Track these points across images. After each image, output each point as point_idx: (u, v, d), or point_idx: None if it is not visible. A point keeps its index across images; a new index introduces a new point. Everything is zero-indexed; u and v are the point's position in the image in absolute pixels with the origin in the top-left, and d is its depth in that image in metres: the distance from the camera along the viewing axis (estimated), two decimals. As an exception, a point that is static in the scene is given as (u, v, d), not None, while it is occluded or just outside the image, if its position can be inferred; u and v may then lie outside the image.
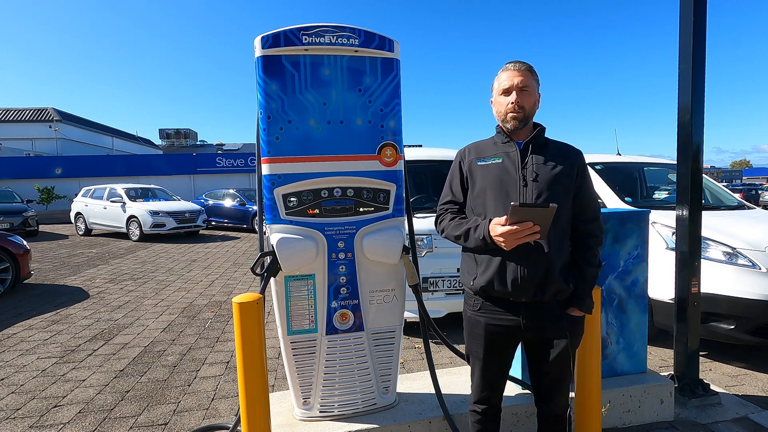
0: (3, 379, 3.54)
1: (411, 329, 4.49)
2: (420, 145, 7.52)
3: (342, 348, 2.33)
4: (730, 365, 3.68)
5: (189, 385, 3.41)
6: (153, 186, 15.14)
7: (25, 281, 6.77)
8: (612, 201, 4.56)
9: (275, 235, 2.19)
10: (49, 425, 2.86)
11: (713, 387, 3.08)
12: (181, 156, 26.99)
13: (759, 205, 16.18)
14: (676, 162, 2.97)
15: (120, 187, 13.59)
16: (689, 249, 2.88)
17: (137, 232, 12.54)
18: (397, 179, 2.32)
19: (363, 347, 2.36)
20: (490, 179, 1.76)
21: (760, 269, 3.47)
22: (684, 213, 2.90)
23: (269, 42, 2.12)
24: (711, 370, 3.60)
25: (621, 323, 2.75)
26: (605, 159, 5.30)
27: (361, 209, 2.28)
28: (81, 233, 14.06)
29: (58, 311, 5.47)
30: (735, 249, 3.60)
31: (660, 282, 3.63)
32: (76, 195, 14.73)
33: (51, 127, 29.85)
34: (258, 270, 2.17)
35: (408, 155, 2.71)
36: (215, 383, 3.45)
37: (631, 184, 5.25)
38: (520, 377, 2.59)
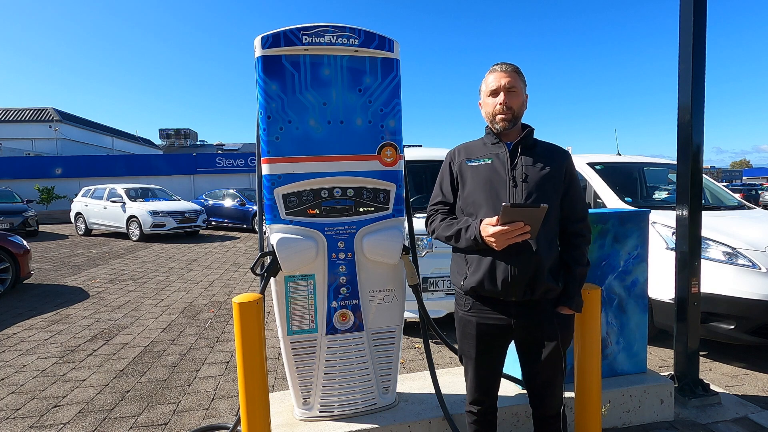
0: (3, 379, 3.54)
1: (411, 329, 4.49)
2: (420, 145, 7.52)
3: (342, 348, 2.33)
4: (730, 365, 3.68)
5: (189, 385, 3.41)
6: (153, 186, 15.14)
7: (25, 281, 6.78)
8: (612, 201, 4.56)
9: (275, 235, 2.19)
10: (49, 425, 2.86)
11: (713, 387, 3.08)
12: (181, 156, 26.98)
13: (759, 205, 16.18)
14: (676, 162, 2.97)
15: (120, 187, 13.59)
16: (689, 249, 2.88)
17: (137, 232, 12.54)
18: (397, 179, 2.32)
19: (363, 347, 2.36)
20: (480, 180, 1.78)
21: (760, 269, 3.47)
22: (684, 213, 2.90)
23: (269, 42, 2.12)
24: (711, 370, 3.60)
25: (621, 323, 2.75)
26: (605, 159, 5.30)
27: (361, 209, 2.28)
28: (81, 233, 14.06)
29: (58, 311, 5.48)
30: (735, 249, 3.60)
31: (660, 282, 3.63)
32: (76, 195, 14.73)
33: (51, 127, 29.85)
34: (258, 270, 2.17)
35: (408, 155, 2.71)
36: (215, 383, 3.45)
37: (631, 184, 5.25)
38: (520, 377, 2.59)
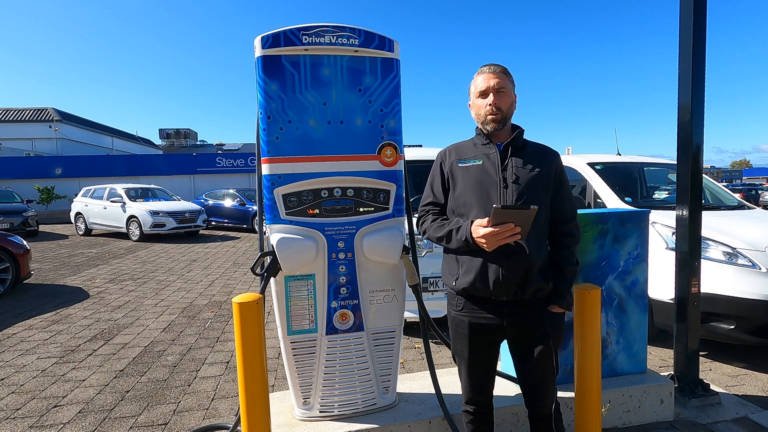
0: (3, 379, 3.54)
1: (411, 329, 4.49)
2: (420, 145, 7.51)
3: (342, 348, 2.33)
4: (730, 365, 3.68)
5: (189, 385, 3.41)
6: (153, 186, 15.14)
7: (25, 281, 6.78)
8: (612, 201, 4.56)
9: (275, 235, 2.19)
10: (49, 425, 2.86)
11: (713, 387, 3.08)
12: (181, 156, 26.98)
13: (759, 205, 16.18)
14: (676, 162, 2.97)
15: (120, 187, 13.59)
16: (689, 249, 2.88)
17: (137, 232, 12.54)
18: (397, 179, 2.32)
19: (363, 347, 2.36)
20: (471, 181, 1.80)
21: (760, 269, 3.47)
22: (684, 213, 2.90)
23: (269, 42, 2.12)
24: (711, 370, 3.60)
25: (621, 323, 2.75)
26: (605, 159, 5.30)
27: (361, 209, 2.28)
28: (81, 233, 14.06)
29: (58, 311, 5.48)
30: (735, 249, 3.60)
31: (660, 282, 3.63)
32: (76, 195, 14.74)
33: (51, 127, 29.85)
34: (258, 270, 2.17)
35: (408, 155, 2.71)
36: (215, 383, 3.45)
37: (631, 184, 5.25)
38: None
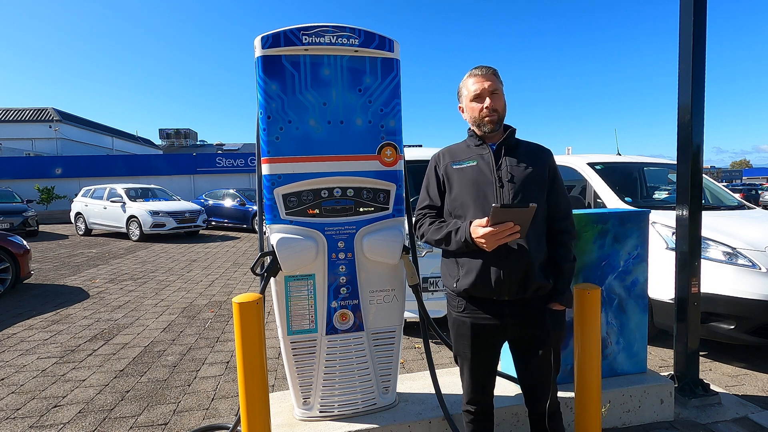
0: (3, 379, 3.54)
1: (411, 329, 4.49)
2: (420, 145, 7.51)
3: (342, 348, 2.33)
4: (730, 365, 3.68)
5: (189, 385, 3.41)
6: (153, 186, 15.14)
7: (25, 281, 6.77)
8: (612, 201, 4.56)
9: (275, 235, 2.19)
10: (49, 425, 2.86)
11: (713, 387, 3.08)
12: (181, 156, 26.98)
13: (759, 205, 16.18)
14: (676, 162, 2.97)
15: (120, 187, 13.58)
16: (689, 249, 2.88)
17: (137, 232, 12.54)
18: (397, 179, 2.32)
19: (363, 347, 2.35)
20: (466, 182, 1.80)
21: (760, 269, 3.46)
22: (684, 213, 2.90)
23: (269, 42, 2.12)
24: (711, 370, 3.60)
25: (621, 323, 2.75)
26: (605, 159, 5.30)
27: (361, 209, 2.28)
28: (81, 233, 14.06)
29: (58, 311, 5.48)
30: (735, 249, 3.60)
31: (660, 282, 3.63)
32: (76, 195, 14.73)
33: (51, 127, 29.84)
34: (258, 270, 2.17)
35: (408, 155, 2.71)
36: (215, 383, 3.45)
37: (631, 184, 5.25)
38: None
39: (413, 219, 2.00)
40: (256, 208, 12.13)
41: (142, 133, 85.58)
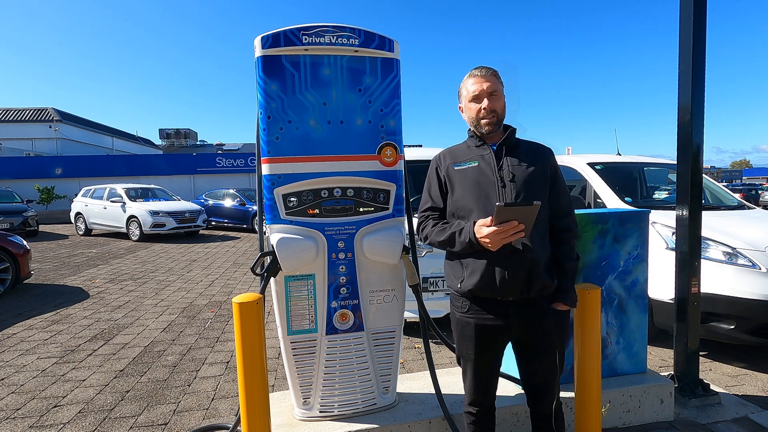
0: (3, 379, 3.54)
1: (411, 329, 4.48)
2: (420, 145, 7.51)
3: (342, 348, 2.33)
4: (730, 365, 3.68)
5: (189, 385, 3.41)
6: (153, 186, 15.14)
7: (25, 281, 6.77)
8: (612, 201, 4.56)
9: (275, 235, 2.19)
10: (49, 425, 2.86)
11: (713, 387, 3.08)
12: (181, 156, 26.98)
13: (759, 205, 16.18)
14: (676, 162, 2.97)
15: (120, 187, 13.59)
16: (689, 249, 2.88)
17: (137, 232, 12.54)
18: (397, 179, 2.32)
19: (363, 347, 2.36)
20: (468, 183, 1.80)
21: (760, 269, 3.47)
22: (684, 213, 2.90)
23: (269, 42, 2.12)
24: (711, 370, 3.60)
25: (621, 323, 2.75)
26: (605, 159, 5.30)
27: (361, 209, 2.28)
28: (81, 233, 14.06)
29: (58, 311, 5.48)
30: (735, 249, 3.60)
31: (660, 282, 3.63)
32: (76, 195, 14.73)
33: (51, 127, 29.84)
34: (258, 270, 2.17)
35: (408, 155, 2.71)
36: (215, 383, 3.45)
37: (631, 184, 5.25)
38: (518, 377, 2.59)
39: (416, 221, 1.99)
40: (256, 208, 12.14)
41: (142, 133, 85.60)
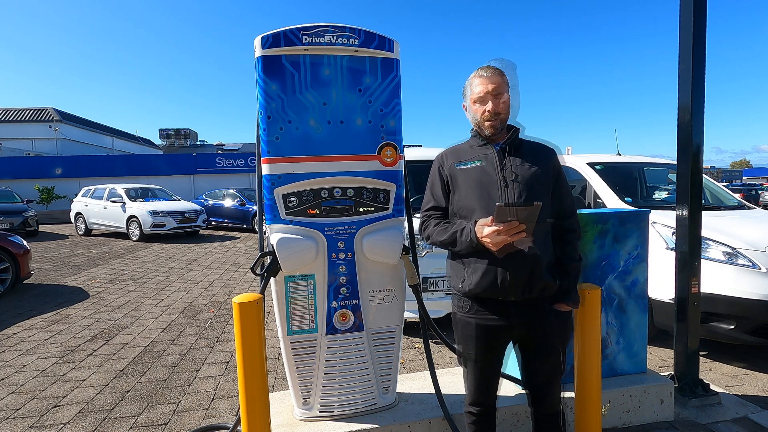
0: (3, 379, 3.54)
1: (411, 329, 4.48)
2: (420, 145, 7.51)
3: (342, 348, 2.33)
4: (730, 365, 3.68)
5: (189, 385, 3.41)
6: (153, 186, 15.14)
7: (25, 281, 6.77)
8: (612, 201, 4.56)
9: (275, 235, 2.19)
10: (49, 425, 2.86)
11: (713, 387, 3.08)
12: (181, 156, 26.98)
13: (759, 205, 16.17)
14: (676, 162, 2.97)
15: (120, 187, 13.59)
16: (689, 249, 2.88)
17: (137, 232, 12.54)
18: (397, 179, 2.32)
19: (363, 347, 2.35)
20: (471, 182, 1.80)
21: (760, 269, 3.46)
22: (684, 213, 2.90)
23: (269, 42, 2.12)
24: (711, 370, 3.60)
25: (621, 323, 2.75)
26: (605, 159, 5.30)
27: (361, 209, 2.28)
28: (81, 233, 14.06)
29: (58, 311, 5.48)
30: (735, 249, 3.60)
31: (660, 282, 3.63)
32: (76, 195, 14.73)
33: (51, 127, 29.84)
34: (258, 270, 2.17)
35: (408, 155, 2.71)
36: (215, 383, 3.45)
37: (631, 184, 5.25)
38: (519, 377, 2.59)
39: (419, 221, 1.99)
40: (256, 208, 12.13)
41: (142, 133, 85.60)
